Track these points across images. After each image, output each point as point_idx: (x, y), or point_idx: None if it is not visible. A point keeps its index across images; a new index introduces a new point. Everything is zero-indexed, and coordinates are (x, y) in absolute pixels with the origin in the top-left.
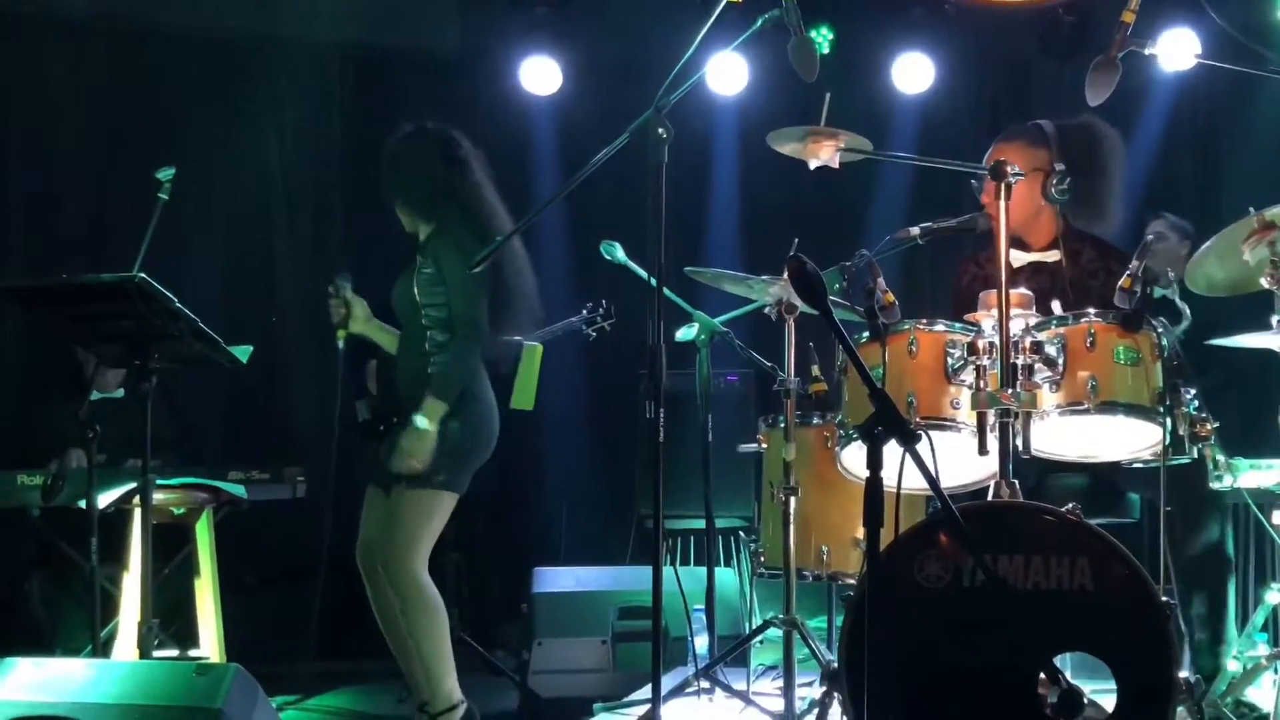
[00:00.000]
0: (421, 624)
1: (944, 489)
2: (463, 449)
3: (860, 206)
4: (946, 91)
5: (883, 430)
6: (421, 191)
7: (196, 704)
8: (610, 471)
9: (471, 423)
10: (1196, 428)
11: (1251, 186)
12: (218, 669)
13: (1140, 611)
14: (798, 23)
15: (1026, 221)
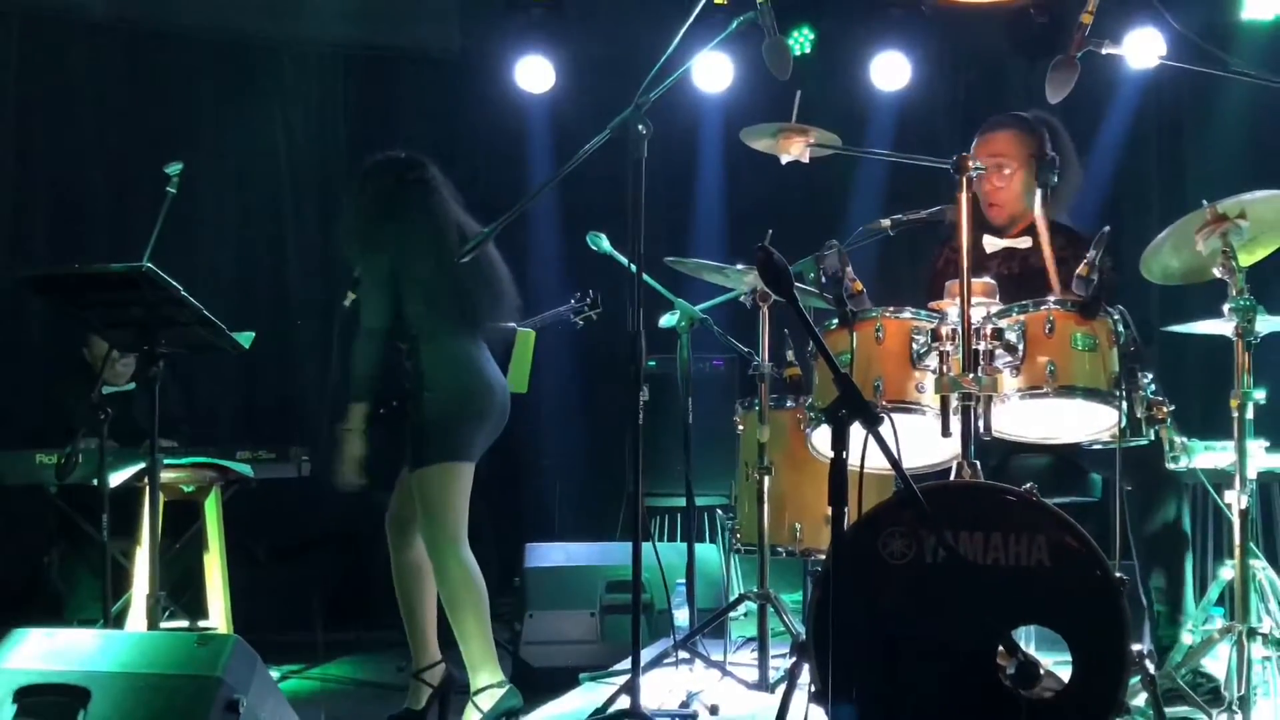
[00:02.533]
0: (462, 603)
1: (910, 469)
2: (448, 420)
3: (839, 199)
4: (923, 89)
5: (846, 413)
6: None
7: (198, 673)
8: (601, 451)
9: (450, 395)
10: (1153, 410)
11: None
12: (218, 639)
13: (1095, 587)
14: (771, 24)
15: (1021, 208)
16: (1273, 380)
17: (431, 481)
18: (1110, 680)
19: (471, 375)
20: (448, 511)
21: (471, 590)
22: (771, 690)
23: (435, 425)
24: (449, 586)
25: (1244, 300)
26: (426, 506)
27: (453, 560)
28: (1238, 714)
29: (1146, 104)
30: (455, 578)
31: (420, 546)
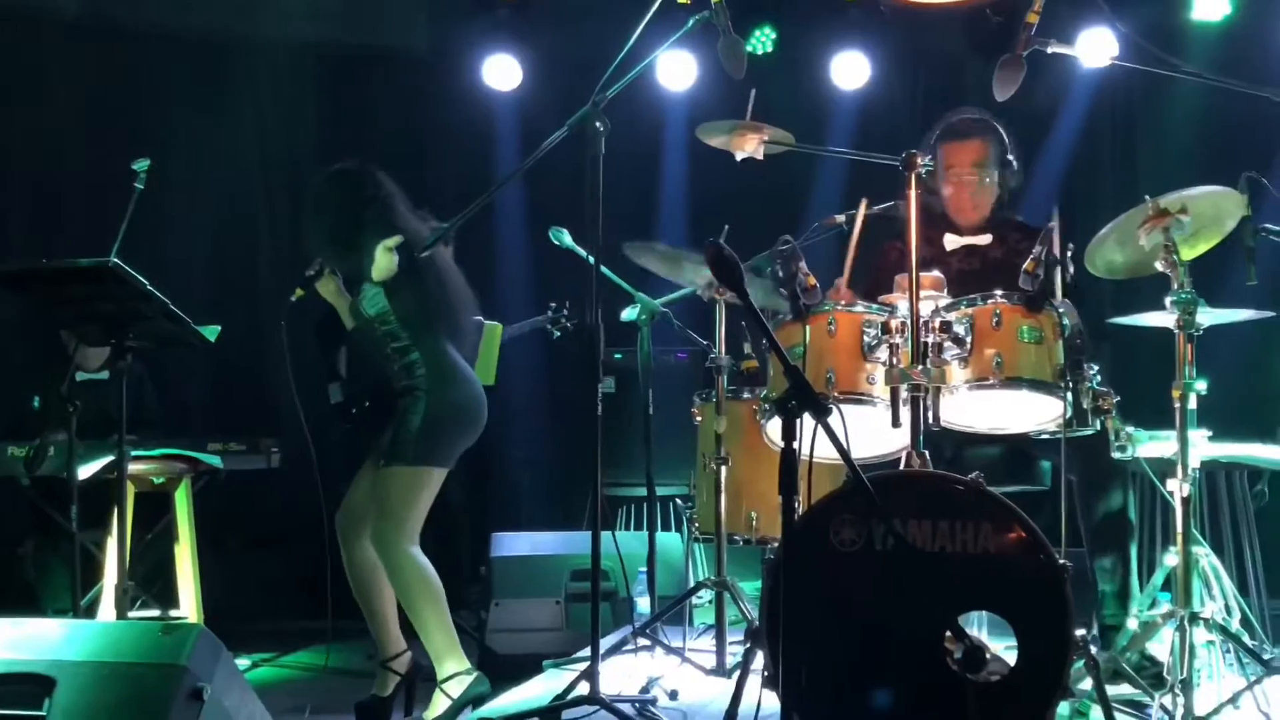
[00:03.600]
0: (418, 598)
1: (862, 459)
2: (438, 427)
3: (800, 195)
4: (882, 87)
5: (796, 404)
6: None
7: (162, 661)
8: (568, 442)
9: (445, 402)
10: (1099, 401)
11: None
12: (183, 628)
13: (1039, 573)
14: (726, 24)
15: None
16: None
17: (406, 481)
18: (1055, 664)
19: (470, 387)
20: (410, 513)
21: (425, 584)
22: (729, 675)
23: (429, 428)
24: (403, 584)
25: (1185, 294)
26: (390, 504)
27: (404, 558)
28: (1180, 696)
29: (1100, 101)
30: (408, 574)
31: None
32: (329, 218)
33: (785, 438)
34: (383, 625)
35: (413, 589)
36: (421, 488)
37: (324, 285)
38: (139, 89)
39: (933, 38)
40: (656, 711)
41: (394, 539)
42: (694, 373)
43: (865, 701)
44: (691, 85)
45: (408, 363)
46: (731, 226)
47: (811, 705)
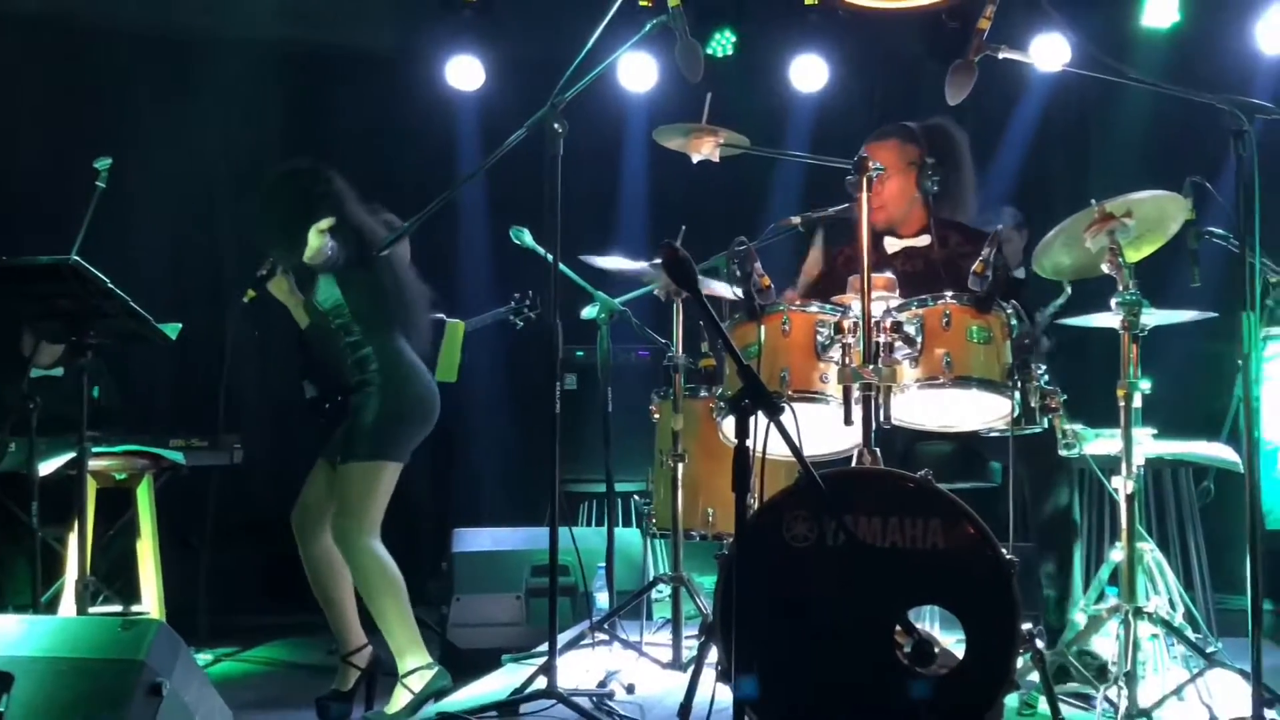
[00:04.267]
0: (379, 593)
1: (815, 456)
2: (394, 421)
3: (759, 196)
4: (840, 90)
5: (749, 403)
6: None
7: (121, 656)
8: (530, 439)
9: (400, 397)
10: (1047, 400)
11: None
12: (142, 624)
13: (987, 568)
14: (683, 28)
15: (904, 212)
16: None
17: (363, 476)
18: (1002, 657)
19: (423, 382)
20: (369, 508)
21: (386, 579)
22: (685, 669)
23: (382, 423)
24: (364, 579)
25: (1130, 295)
26: (348, 500)
27: (365, 554)
28: (1124, 689)
29: (1053, 105)
30: (370, 569)
31: (327, 539)
32: (279, 214)
33: (739, 436)
34: (343, 620)
35: (374, 584)
36: (378, 482)
37: (276, 285)
38: (101, 87)
39: (890, 42)
40: (613, 705)
41: (354, 534)
42: (654, 370)
43: (816, 694)
44: (652, 86)
45: (360, 358)
46: (690, 226)
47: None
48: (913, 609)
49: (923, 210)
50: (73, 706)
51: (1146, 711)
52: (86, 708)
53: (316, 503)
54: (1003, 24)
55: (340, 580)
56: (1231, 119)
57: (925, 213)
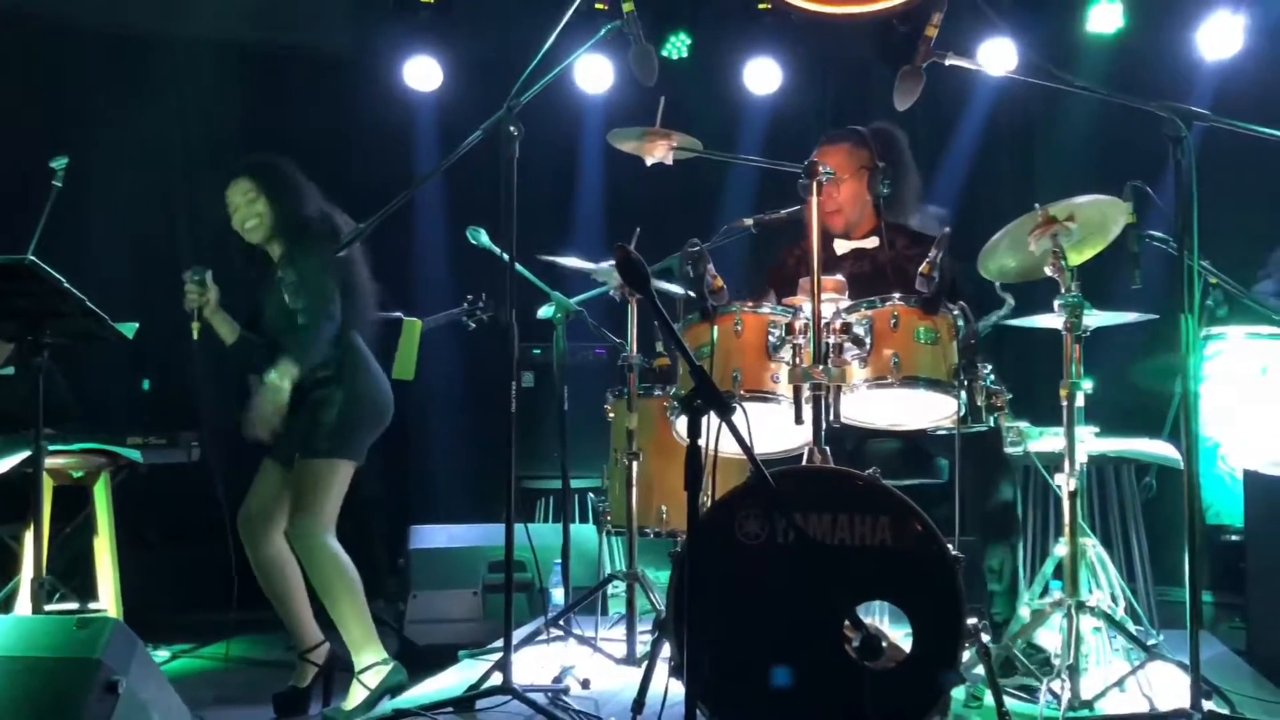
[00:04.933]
0: (336, 590)
1: (766, 455)
2: (353, 419)
3: (714, 198)
4: (793, 93)
5: (701, 403)
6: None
7: (77, 655)
8: (487, 436)
9: (359, 395)
10: (992, 399)
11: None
12: (98, 622)
13: (933, 564)
14: (637, 33)
15: (857, 215)
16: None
17: (322, 473)
18: (948, 651)
19: (381, 380)
20: (326, 505)
21: (343, 576)
22: (639, 664)
23: (344, 420)
24: (321, 575)
25: (1072, 297)
26: (306, 496)
27: (322, 551)
28: (1067, 681)
29: (1001, 110)
30: (326, 566)
31: (278, 540)
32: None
33: (691, 435)
34: (297, 619)
35: (330, 580)
36: (335, 479)
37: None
38: (59, 86)
39: (842, 46)
40: (568, 700)
41: (311, 531)
42: (610, 368)
43: (767, 688)
44: (609, 88)
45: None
46: (646, 227)
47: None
48: (861, 604)
49: (873, 213)
50: (28, 706)
51: (1089, 703)
52: (42, 707)
53: (263, 506)
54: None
55: (292, 580)
56: (1170, 125)
57: (875, 215)
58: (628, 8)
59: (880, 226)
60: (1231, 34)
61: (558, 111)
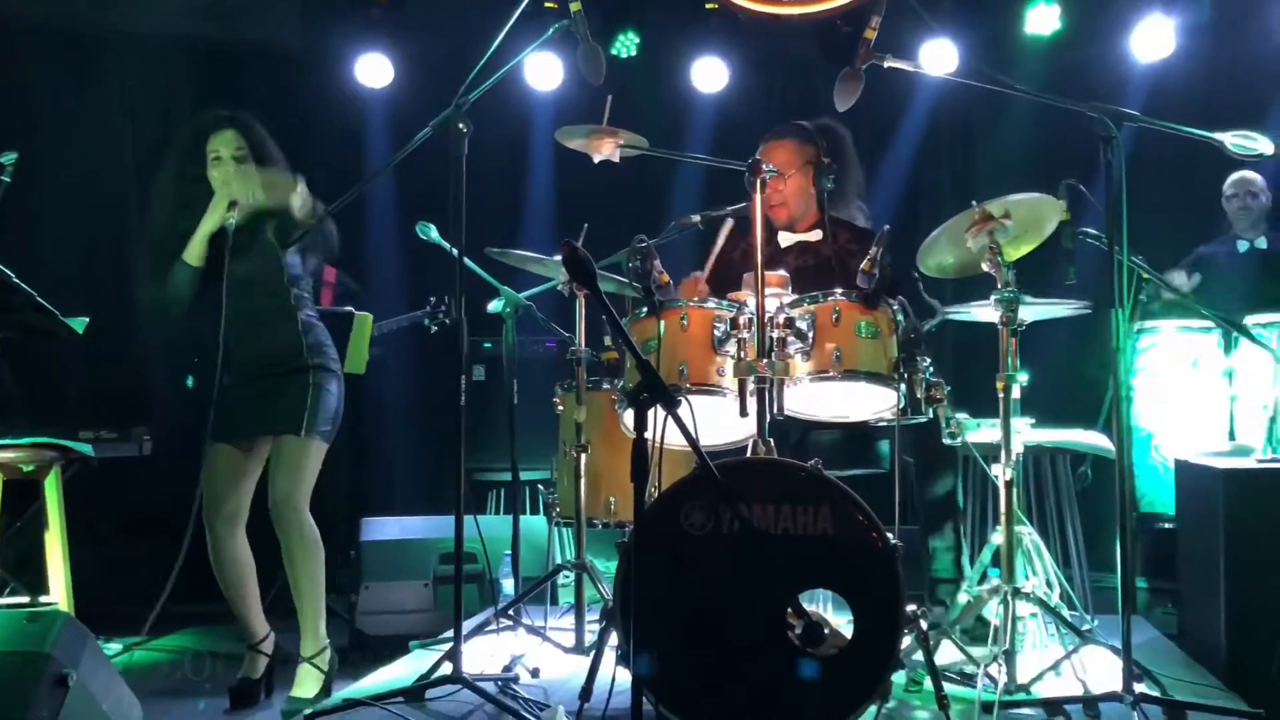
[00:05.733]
0: (311, 568)
1: (712, 447)
2: (340, 407)
3: (661, 194)
4: (740, 91)
5: (648, 396)
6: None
7: (27, 649)
8: (438, 429)
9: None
10: (931, 391)
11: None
12: (48, 616)
13: (873, 553)
14: (585, 32)
15: (802, 209)
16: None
17: (315, 452)
18: (888, 637)
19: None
20: (312, 481)
21: (319, 552)
22: (587, 653)
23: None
24: (304, 551)
25: (1008, 292)
26: (301, 471)
27: (308, 525)
28: (1004, 666)
29: (942, 109)
30: (307, 538)
31: (241, 537)
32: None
33: (637, 428)
34: (251, 609)
35: (311, 556)
36: (319, 460)
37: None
38: (6, 81)
39: (787, 45)
40: (518, 689)
41: (301, 505)
42: (559, 362)
43: (712, 676)
44: (558, 86)
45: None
46: (594, 224)
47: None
48: (804, 592)
49: (817, 207)
50: None
51: (1025, 686)
52: None
53: (225, 494)
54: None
55: (250, 571)
56: (1100, 125)
57: (819, 210)
58: (575, 7)
59: (823, 220)
60: (1163, 37)
61: (507, 108)
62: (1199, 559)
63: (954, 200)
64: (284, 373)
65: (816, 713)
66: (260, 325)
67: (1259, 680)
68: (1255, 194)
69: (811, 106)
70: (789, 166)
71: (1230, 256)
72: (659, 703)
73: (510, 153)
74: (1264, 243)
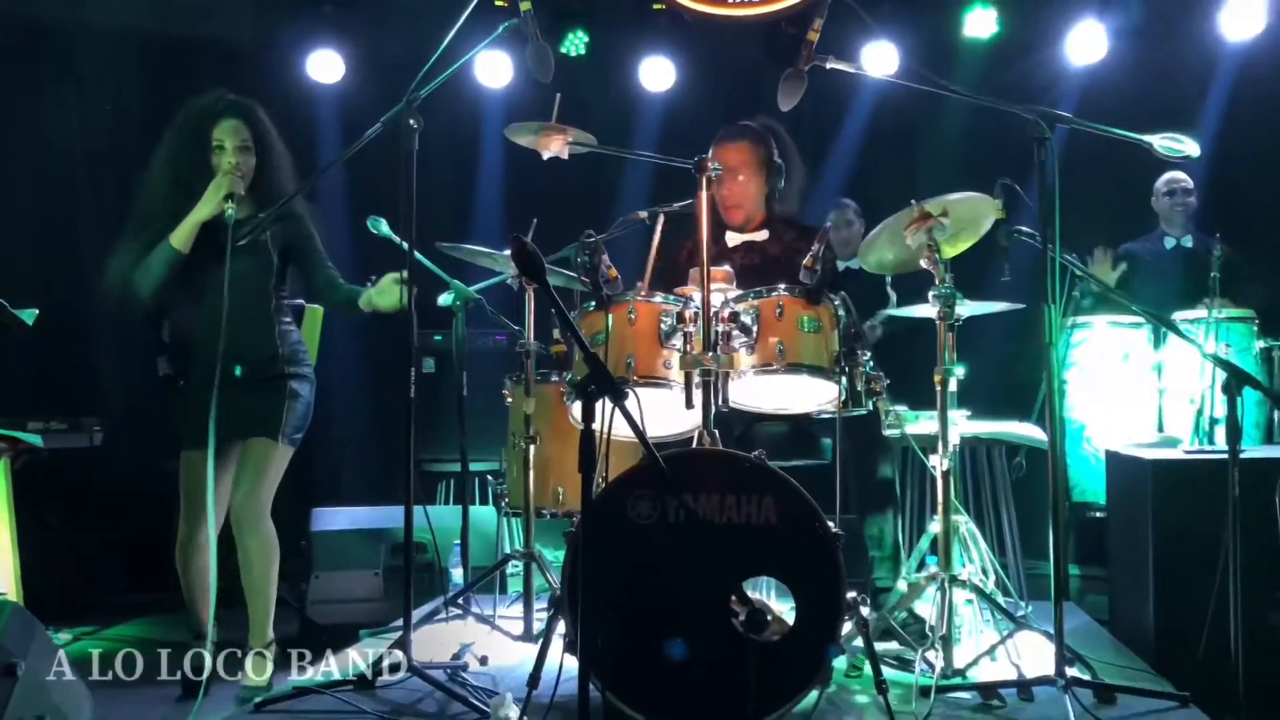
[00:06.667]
0: (268, 571)
1: (659, 438)
2: (310, 410)
3: (610, 190)
4: (687, 90)
5: (595, 389)
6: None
7: None
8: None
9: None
10: (871, 384)
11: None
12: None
13: (815, 541)
14: (534, 31)
15: (755, 209)
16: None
17: (282, 457)
18: (829, 624)
19: None
20: (274, 483)
21: (276, 556)
22: (535, 641)
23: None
24: (266, 551)
25: (946, 289)
26: (268, 475)
27: (267, 527)
28: (941, 651)
29: (883, 109)
30: (268, 542)
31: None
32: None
33: (585, 420)
34: (205, 601)
35: (271, 556)
36: (285, 464)
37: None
38: None
39: (733, 45)
40: (467, 676)
41: (265, 509)
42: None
43: (658, 662)
44: (508, 83)
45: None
46: (543, 219)
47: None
48: (748, 580)
49: (765, 207)
50: None
51: (961, 671)
52: None
53: (204, 500)
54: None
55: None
56: (1034, 127)
57: (767, 209)
58: (525, 7)
59: (770, 220)
60: (1096, 40)
61: (458, 105)
62: (1128, 547)
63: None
64: (259, 379)
65: (760, 697)
66: (239, 325)
67: (1186, 663)
68: (1189, 192)
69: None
70: (744, 167)
71: (1156, 255)
72: (606, 689)
73: (460, 148)
74: (1190, 241)
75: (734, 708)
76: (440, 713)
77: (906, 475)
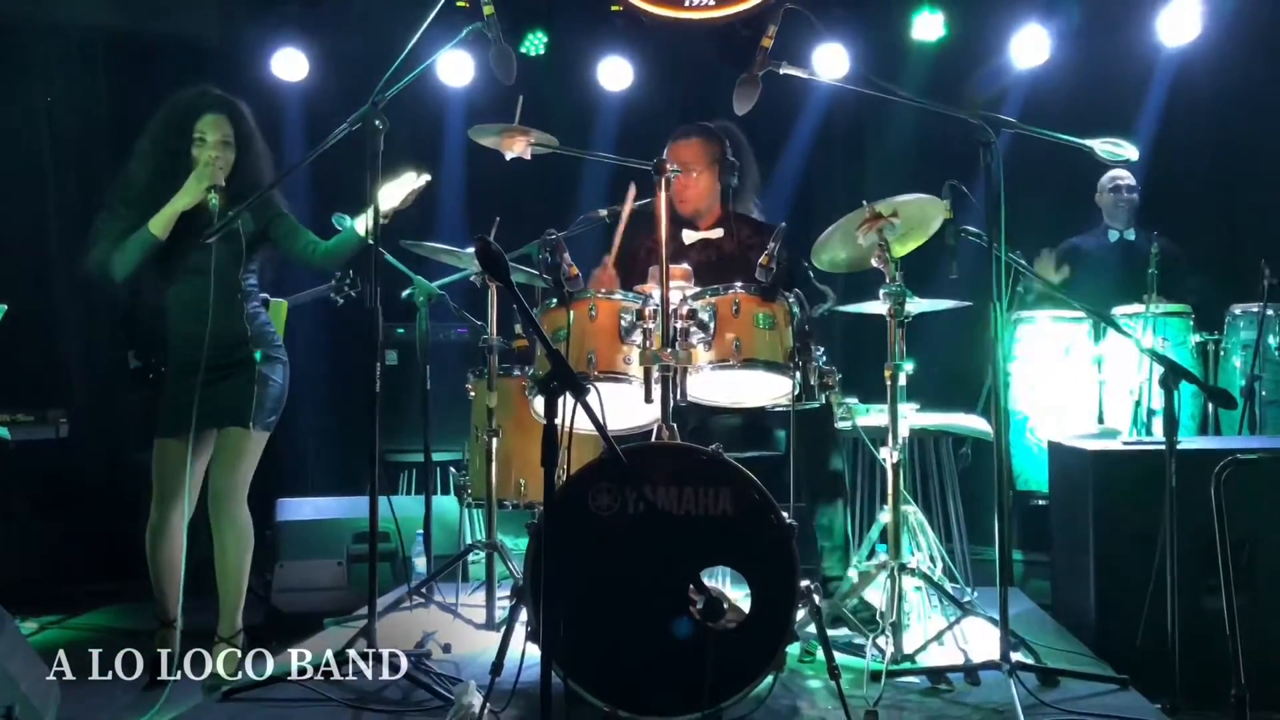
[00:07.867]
0: (242, 560)
1: (619, 431)
2: (284, 392)
3: (571, 189)
4: (645, 91)
5: (557, 384)
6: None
7: None
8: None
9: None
10: (824, 379)
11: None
12: None
13: (769, 532)
14: (497, 34)
15: (707, 205)
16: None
17: (258, 444)
18: (783, 611)
19: None
20: (250, 471)
21: (250, 545)
22: (498, 629)
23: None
24: (243, 541)
25: (896, 286)
26: (244, 463)
27: (243, 516)
28: (891, 637)
29: (835, 111)
30: (243, 532)
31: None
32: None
33: (547, 415)
34: (173, 590)
35: (246, 545)
36: (260, 451)
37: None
38: None
39: (689, 47)
40: (430, 664)
41: (241, 497)
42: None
43: (617, 649)
44: (470, 83)
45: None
46: (506, 216)
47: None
48: (705, 570)
49: (720, 204)
50: None
51: (910, 656)
52: None
53: (177, 488)
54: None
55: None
56: (980, 131)
57: (722, 207)
58: (488, 10)
59: (725, 217)
60: (1040, 44)
61: (421, 104)
62: (1070, 535)
63: (845, 199)
64: (228, 364)
65: (717, 683)
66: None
67: (1125, 648)
68: (1132, 189)
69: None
70: (696, 164)
71: (1101, 248)
72: (567, 676)
73: (424, 147)
74: (1132, 235)
75: (692, 694)
76: (404, 700)
77: (856, 466)
